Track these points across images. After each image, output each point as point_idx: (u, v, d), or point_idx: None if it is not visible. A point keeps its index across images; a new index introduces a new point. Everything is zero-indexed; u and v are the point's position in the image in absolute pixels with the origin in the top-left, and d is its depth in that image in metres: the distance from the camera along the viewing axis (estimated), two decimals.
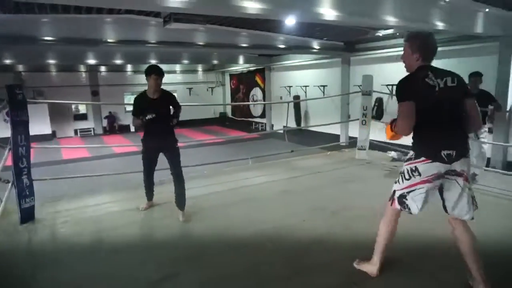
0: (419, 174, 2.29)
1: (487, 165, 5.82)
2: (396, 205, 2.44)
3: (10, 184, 3.86)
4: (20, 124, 3.77)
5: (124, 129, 19.34)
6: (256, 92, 18.49)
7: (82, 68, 17.79)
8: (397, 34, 9.65)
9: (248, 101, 19.09)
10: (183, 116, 6.05)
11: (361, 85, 6.77)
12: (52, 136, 16.97)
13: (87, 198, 4.77)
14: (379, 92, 7.72)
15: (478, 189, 4.79)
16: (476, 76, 5.13)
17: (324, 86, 13.41)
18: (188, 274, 2.81)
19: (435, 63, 2.52)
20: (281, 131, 13.97)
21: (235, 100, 20.41)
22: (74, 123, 18.72)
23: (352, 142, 7.90)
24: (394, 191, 2.47)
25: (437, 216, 2.59)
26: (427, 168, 2.27)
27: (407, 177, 2.36)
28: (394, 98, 8.34)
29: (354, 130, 10.36)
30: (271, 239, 3.37)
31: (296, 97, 14.73)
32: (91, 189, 5.26)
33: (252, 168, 6.34)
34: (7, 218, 3.85)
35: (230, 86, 21.14)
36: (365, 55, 11.48)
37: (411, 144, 2.40)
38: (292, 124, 14.97)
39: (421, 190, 2.32)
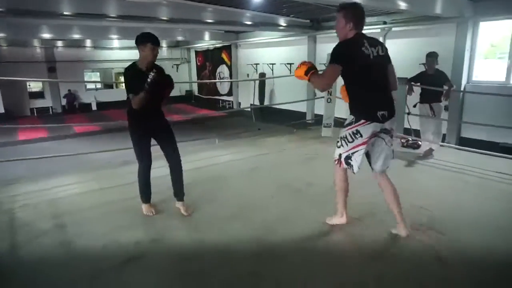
0: (361, 136, 2.61)
1: (442, 141, 6.16)
2: (344, 165, 2.80)
3: None
4: None
5: (85, 108, 18.53)
6: (223, 70, 18.21)
7: (36, 43, 16.65)
8: None
9: (215, 79, 18.79)
10: None
11: (326, 63, 6.84)
12: (6, 115, 15.95)
13: (46, 181, 4.58)
14: None
15: (434, 163, 5.10)
16: (432, 56, 5.36)
17: (290, 64, 13.42)
18: (152, 255, 2.81)
19: (398, 41, 2.69)
20: (249, 109, 13.92)
21: (201, 77, 20.02)
22: (30, 102, 17.68)
23: (318, 120, 8.06)
24: (340, 154, 2.79)
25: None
26: (367, 129, 2.59)
27: (350, 140, 2.67)
28: None
29: (320, 107, 10.54)
30: (237, 217, 3.42)
31: (262, 75, 14.67)
32: (50, 171, 5.06)
33: (219, 147, 6.33)
34: None
35: (196, 63, 20.67)
36: (331, 34, 11.55)
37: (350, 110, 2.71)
38: (257, 102, 14.97)
39: (361, 151, 2.67)
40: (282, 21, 11.13)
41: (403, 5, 6.57)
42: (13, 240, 3.07)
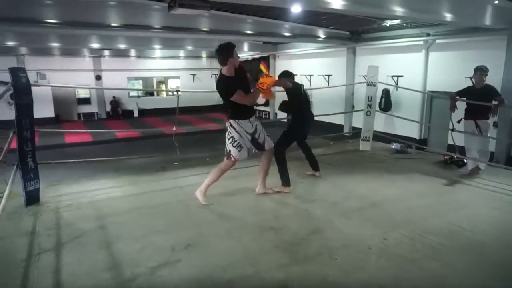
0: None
1: (490, 160, 5.81)
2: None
3: (15, 167, 3.89)
4: (24, 107, 3.78)
5: (127, 114, 19.33)
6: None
7: (85, 52, 17.67)
8: (404, 24, 9.54)
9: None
10: (186, 103, 6.06)
11: (366, 76, 6.72)
12: (56, 119, 16.99)
13: (89, 183, 4.81)
14: (384, 83, 7.68)
15: (480, 183, 4.81)
16: (481, 70, 5.04)
17: (328, 75, 13.31)
18: (188, 260, 2.84)
19: (442, 54, 2.57)
20: (285, 120, 13.88)
21: None
22: (77, 107, 18.71)
23: (356, 133, 7.89)
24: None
25: None
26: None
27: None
28: (400, 89, 8.31)
29: (357, 120, 10.33)
30: (272, 228, 3.40)
31: None
32: (93, 173, 5.29)
33: (255, 157, 6.31)
34: (12, 201, 3.88)
35: None
36: (371, 45, 11.36)
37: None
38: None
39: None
40: (321, 33, 11.09)
41: (448, 17, 6.33)
42: (58, 238, 3.23)
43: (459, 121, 5.35)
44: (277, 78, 4.40)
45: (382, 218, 3.62)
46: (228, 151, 3.90)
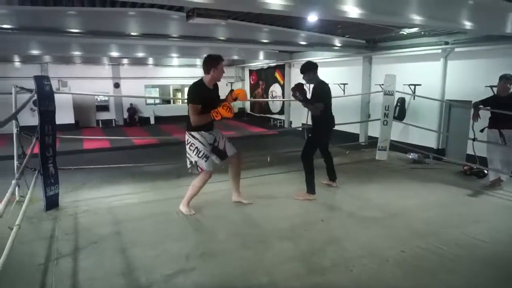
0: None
1: None
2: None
3: (36, 172, 3.99)
4: (47, 114, 3.88)
5: (144, 121, 19.62)
6: (275, 88, 18.40)
7: (105, 60, 18.11)
8: (422, 33, 9.43)
9: (267, 97, 19.02)
10: None
11: (383, 84, 6.65)
12: (76, 126, 17.39)
13: (106, 189, 4.88)
14: (401, 92, 7.58)
15: (502, 195, 4.67)
16: (505, 78, 4.93)
17: (344, 84, 13.23)
18: (202, 269, 2.84)
19: (461, 63, 2.51)
20: (300, 129, 13.85)
21: (254, 95, 20.39)
22: (96, 114, 19.12)
23: (371, 142, 7.80)
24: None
25: None
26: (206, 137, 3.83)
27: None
28: (417, 98, 8.22)
29: (373, 130, 10.21)
30: (288, 238, 3.37)
31: None
32: (110, 179, 5.37)
33: (273, 165, 6.31)
34: (33, 205, 3.98)
35: (250, 81, 21.12)
36: (388, 54, 11.25)
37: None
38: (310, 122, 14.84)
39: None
40: (336, 41, 11.06)
41: (468, 25, 6.22)
42: (75, 243, 3.29)
43: (482, 130, 5.22)
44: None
45: (399, 229, 3.56)
46: (194, 162, 3.76)
